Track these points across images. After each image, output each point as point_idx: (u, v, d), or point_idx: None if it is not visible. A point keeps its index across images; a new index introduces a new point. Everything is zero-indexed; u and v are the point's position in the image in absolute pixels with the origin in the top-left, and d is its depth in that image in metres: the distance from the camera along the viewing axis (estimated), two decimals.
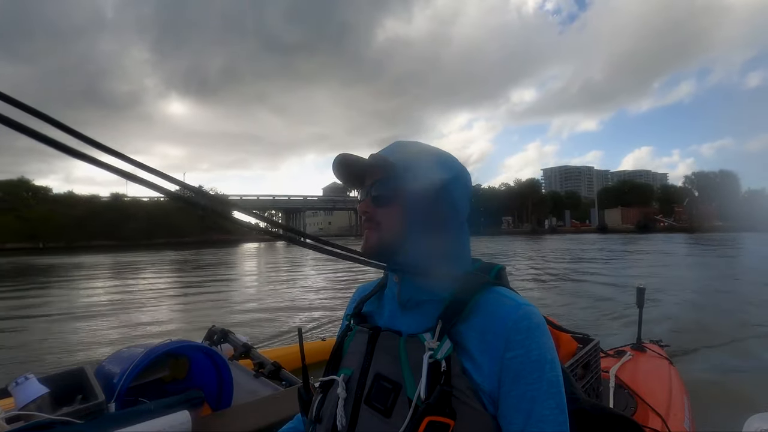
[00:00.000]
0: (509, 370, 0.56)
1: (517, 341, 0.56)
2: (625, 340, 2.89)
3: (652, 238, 40.10)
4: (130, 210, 53.80)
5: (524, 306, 0.59)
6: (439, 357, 0.57)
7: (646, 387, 2.06)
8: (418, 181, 0.63)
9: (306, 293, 10.11)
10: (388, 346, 0.64)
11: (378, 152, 0.68)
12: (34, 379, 1.40)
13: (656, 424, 1.75)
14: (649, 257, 18.64)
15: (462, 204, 0.67)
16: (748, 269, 13.96)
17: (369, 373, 0.64)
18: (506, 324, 0.57)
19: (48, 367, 4.69)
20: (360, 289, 0.82)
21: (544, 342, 0.57)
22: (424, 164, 0.65)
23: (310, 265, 18.49)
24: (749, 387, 3.74)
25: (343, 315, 0.79)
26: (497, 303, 0.60)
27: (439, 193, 0.64)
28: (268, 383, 2.02)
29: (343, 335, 0.73)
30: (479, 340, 0.58)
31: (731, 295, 8.82)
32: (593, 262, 16.84)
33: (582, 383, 1.67)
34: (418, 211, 0.64)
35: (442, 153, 0.69)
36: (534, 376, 0.55)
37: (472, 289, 0.62)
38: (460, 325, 0.60)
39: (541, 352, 0.56)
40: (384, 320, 0.70)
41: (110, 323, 7.08)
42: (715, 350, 4.92)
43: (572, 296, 9.02)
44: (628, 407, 1.88)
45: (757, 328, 5.82)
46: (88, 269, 18.72)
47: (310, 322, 6.72)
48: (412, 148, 0.68)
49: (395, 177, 0.64)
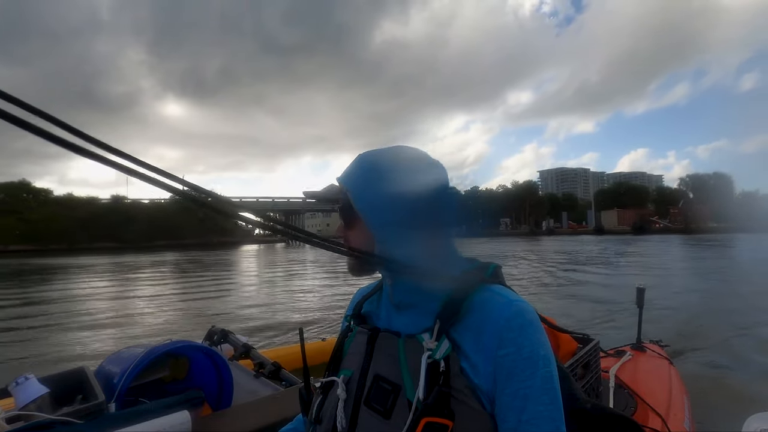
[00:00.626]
0: (502, 368, 0.56)
1: (509, 339, 0.56)
2: (625, 340, 2.89)
3: (648, 239, 41.28)
4: (131, 212, 54.23)
5: (516, 303, 0.59)
6: (437, 357, 0.57)
7: (646, 387, 2.06)
8: (370, 200, 0.64)
9: (305, 294, 10.11)
10: (387, 347, 0.64)
11: (343, 172, 0.69)
12: (34, 379, 1.40)
13: (656, 424, 1.75)
14: (645, 259, 18.71)
15: (434, 206, 0.65)
16: (743, 270, 14.03)
17: (368, 374, 0.64)
18: (498, 322, 0.57)
19: (48, 365, 4.69)
20: (360, 290, 0.82)
21: (536, 338, 0.57)
22: (376, 178, 0.64)
23: (309, 266, 18.50)
24: (749, 387, 3.75)
25: (343, 316, 0.80)
26: (491, 301, 0.60)
27: (400, 201, 0.63)
28: (268, 383, 2.02)
29: (343, 336, 0.73)
30: (474, 339, 0.58)
31: (725, 295, 8.85)
32: (591, 263, 16.99)
33: (582, 383, 1.67)
34: (380, 226, 0.64)
35: (404, 159, 0.67)
36: (527, 373, 0.55)
37: (467, 288, 0.62)
38: (457, 325, 0.60)
39: (533, 349, 0.56)
40: (382, 321, 0.70)
41: (111, 323, 7.08)
42: (714, 350, 4.92)
43: (571, 296, 9.03)
44: (627, 407, 1.88)
45: (757, 329, 5.82)
46: (91, 270, 18.94)
47: (310, 323, 6.72)
48: (366, 166, 0.67)
49: (351, 202, 0.66)
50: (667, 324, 6.03)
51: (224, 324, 2.79)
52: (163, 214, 53.07)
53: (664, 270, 13.82)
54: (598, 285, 10.57)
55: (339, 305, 8.13)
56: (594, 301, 8.17)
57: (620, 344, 2.81)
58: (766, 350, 4.87)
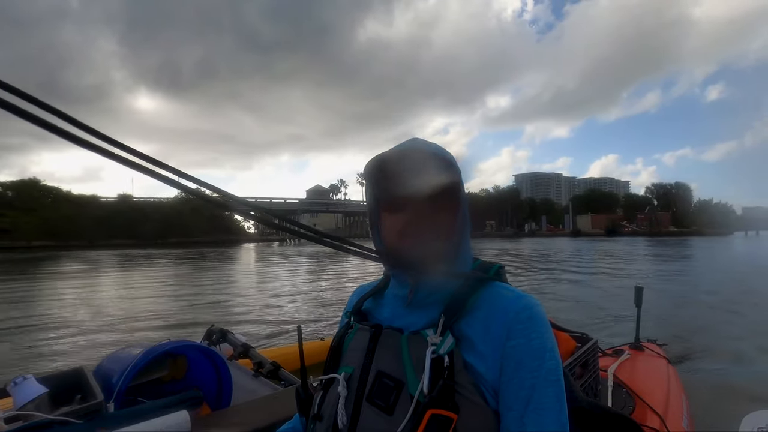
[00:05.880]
0: (510, 358, 0.57)
1: (518, 330, 0.58)
2: (624, 340, 2.89)
3: (619, 240, 48.05)
4: (146, 211, 57.61)
5: (525, 297, 0.61)
6: (441, 352, 0.58)
7: (644, 386, 2.06)
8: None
9: (305, 294, 10.10)
10: (391, 344, 0.64)
11: (395, 147, 0.68)
12: (32, 379, 1.40)
13: (654, 422, 1.75)
14: (621, 263, 19.37)
15: (466, 204, 0.68)
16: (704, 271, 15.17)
17: (370, 371, 0.64)
18: (508, 314, 0.59)
19: (46, 365, 4.69)
20: (360, 287, 0.82)
21: (544, 331, 0.59)
22: (434, 167, 0.63)
23: (305, 263, 18.51)
24: (747, 385, 3.76)
25: (342, 312, 0.79)
26: (499, 296, 0.62)
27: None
28: (267, 383, 2.02)
29: (343, 333, 0.73)
30: (483, 331, 0.59)
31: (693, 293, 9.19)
32: (580, 261, 18.22)
33: (580, 382, 1.67)
34: (465, 213, 0.67)
35: (447, 152, 0.68)
36: (534, 364, 0.57)
37: (474, 285, 0.63)
38: (462, 320, 0.61)
39: (542, 341, 0.58)
40: (386, 319, 0.70)
41: (111, 322, 7.07)
42: (714, 350, 4.94)
43: (571, 295, 9.05)
44: (626, 406, 1.88)
45: (756, 327, 5.84)
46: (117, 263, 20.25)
47: (309, 322, 6.72)
48: (439, 151, 0.66)
49: (458, 182, 0.66)
50: (664, 323, 6.05)
51: (223, 323, 2.78)
52: (176, 213, 55.69)
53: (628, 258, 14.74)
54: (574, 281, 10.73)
55: (338, 305, 8.13)
56: (584, 302, 8.22)
57: (619, 343, 2.82)
58: (764, 350, 4.88)
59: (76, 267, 19.55)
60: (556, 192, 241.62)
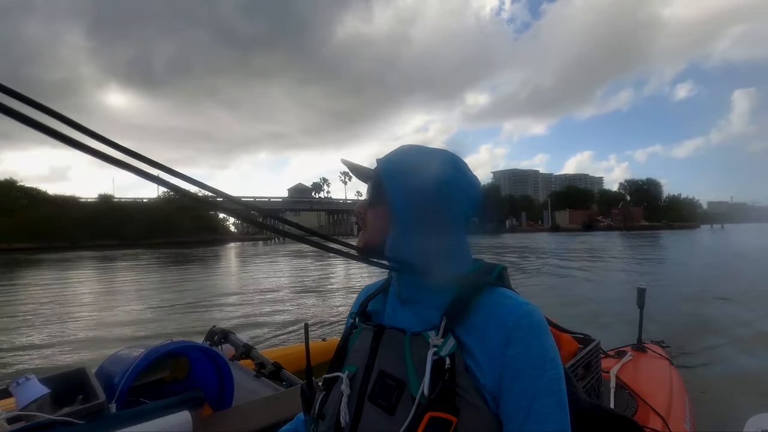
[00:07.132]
0: (510, 367, 0.56)
1: (517, 338, 0.57)
2: (626, 341, 2.88)
3: (596, 234, 51.40)
4: (130, 210, 56.61)
5: (525, 305, 0.60)
6: (443, 354, 0.57)
7: (646, 387, 2.06)
8: (401, 184, 0.65)
9: (304, 293, 10.11)
10: (393, 344, 0.64)
11: (384, 156, 0.71)
12: (34, 380, 1.40)
13: (657, 424, 1.75)
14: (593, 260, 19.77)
15: (458, 205, 0.66)
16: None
17: (373, 371, 0.64)
18: (507, 322, 0.58)
19: (48, 365, 4.70)
20: (365, 288, 0.82)
21: (545, 340, 0.58)
22: (412, 167, 0.66)
23: (306, 263, 18.51)
24: (750, 387, 3.74)
25: (348, 314, 0.80)
26: (498, 302, 0.61)
27: (429, 195, 0.64)
28: (269, 383, 2.02)
29: (348, 333, 0.73)
30: (480, 338, 0.59)
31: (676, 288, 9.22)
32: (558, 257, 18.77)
33: (583, 384, 1.67)
34: (403, 211, 0.65)
35: (440, 157, 0.69)
36: (535, 373, 0.56)
37: (474, 289, 0.62)
38: (462, 324, 0.60)
39: (542, 350, 0.57)
40: (387, 317, 0.70)
41: (112, 322, 7.09)
42: (714, 349, 4.91)
43: (566, 293, 9.04)
44: (628, 408, 1.88)
45: (755, 325, 5.82)
46: (96, 267, 19.69)
47: (312, 322, 6.72)
48: (408, 154, 0.70)
49: (382, 180, 0.67)
50: (662, 321, 6.04)
51: (224, 323, 2.78)
52: (162, 213, 54.71)
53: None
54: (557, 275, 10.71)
55: (339, 304, 8.14)
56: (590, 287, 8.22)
57: (621, 345, 2.81)
58: (765, 351, 4.86)
59: (57, 270, 18.60)
60: (533, 188, 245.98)
